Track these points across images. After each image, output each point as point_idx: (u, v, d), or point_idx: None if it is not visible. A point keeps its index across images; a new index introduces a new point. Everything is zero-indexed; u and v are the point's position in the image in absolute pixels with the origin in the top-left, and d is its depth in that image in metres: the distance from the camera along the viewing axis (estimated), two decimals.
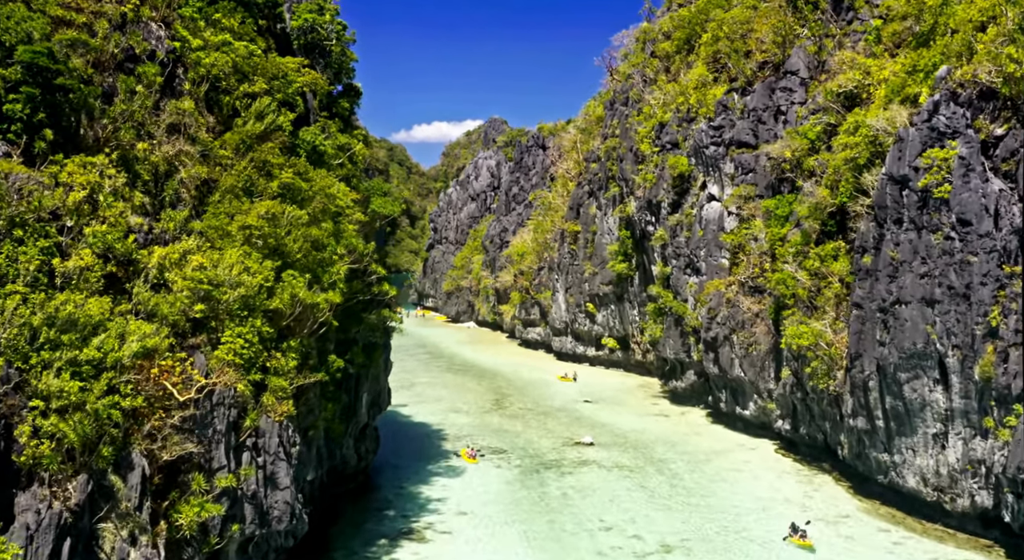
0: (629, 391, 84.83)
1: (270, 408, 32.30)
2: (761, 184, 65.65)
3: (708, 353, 67.93)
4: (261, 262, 33.76)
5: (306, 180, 39.31)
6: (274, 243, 35.01)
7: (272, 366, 32.94)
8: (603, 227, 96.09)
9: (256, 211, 34.51)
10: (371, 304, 46.80)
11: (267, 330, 32.90)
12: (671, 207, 77.17)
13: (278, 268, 34.95)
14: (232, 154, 37.58)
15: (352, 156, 47.14)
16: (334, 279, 37.82)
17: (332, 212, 40.37)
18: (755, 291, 63.63)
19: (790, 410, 59.44)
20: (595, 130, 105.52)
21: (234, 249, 33.39)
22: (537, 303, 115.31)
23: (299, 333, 35.56)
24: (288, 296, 33.88)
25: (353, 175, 46.98)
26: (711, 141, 70.88)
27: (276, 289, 33.90)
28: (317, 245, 37.70)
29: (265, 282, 33.10)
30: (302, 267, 36.19)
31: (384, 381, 54.69)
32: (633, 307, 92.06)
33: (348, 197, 42.46)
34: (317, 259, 37.16)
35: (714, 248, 69.58)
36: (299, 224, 36.50)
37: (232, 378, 30.84)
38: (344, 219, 41.37)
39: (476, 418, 72.12)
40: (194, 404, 29.46)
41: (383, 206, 47.55)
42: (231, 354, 31.22)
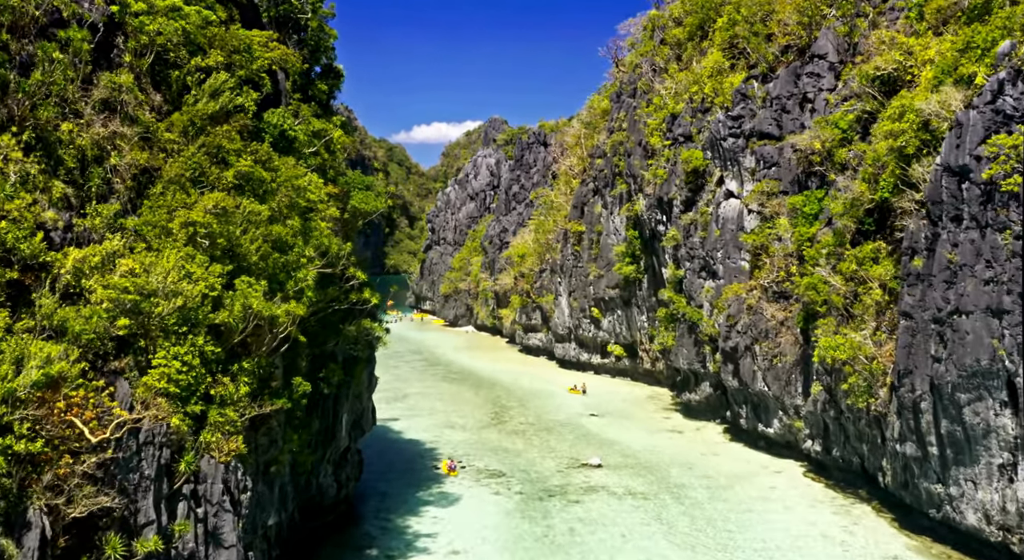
0: (638, 403, 78.84)
1: (214, 446, 26.35)
2: (786, 179, 59.69)
3: (727, 364, 61.97)
4: (208, 266, 27.81)
5: (269, 169, 33.38)
6: (225, 244, 29.08)
7: (218, 394, 27.00)
8: (609, 227, 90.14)
9: (203, 205, 28.54)
10: (351, 314, 40.85)
11: (212, 349, 26.95)
12: (684, 205, 71.21)
13: (230, 273, 29.02)
14: (179, 138, 31.65)
15: (329, 144, 41.21)
16: (301, 286, 31.85)
17: (301, 207, 34.46)
18: (780, 297, 57.64)
19: (821, 429, 53.47)
20: (600, 124, 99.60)
21: (174, 251, 27.44)
22: (539, 307, 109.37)
23: (256, 351, 29.62)
24: (240, 307, 27.92)
25: (330, 166, 41.07)
26: (729, 132, 64.92)
27: (225, 299, 27.94)
28: (280, 246, 31.77)
29: (210, 291, 27.15)
30: (261, 272, 30.25)
31: (368, 400, 48.76)
32: (641, 312, 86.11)
33: (322, 190, 36.52)
34: (280, 263, 31.21)
35: (733, 249, 63.64)
36: (258, 221, 30.56)
37: (165, 411, 24.91)
38: (316, 216, 35.44)
39: (473, 434, 66.15)
40: (114, 445, 23.50)
41: (365, 202, 41.67)
42: (164, 381, 25.29)
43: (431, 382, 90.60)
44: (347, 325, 39.73)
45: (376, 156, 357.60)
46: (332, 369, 38.83)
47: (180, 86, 33.57)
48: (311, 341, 37.99)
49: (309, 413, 40.02)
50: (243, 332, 28.30)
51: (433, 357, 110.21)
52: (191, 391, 25.98)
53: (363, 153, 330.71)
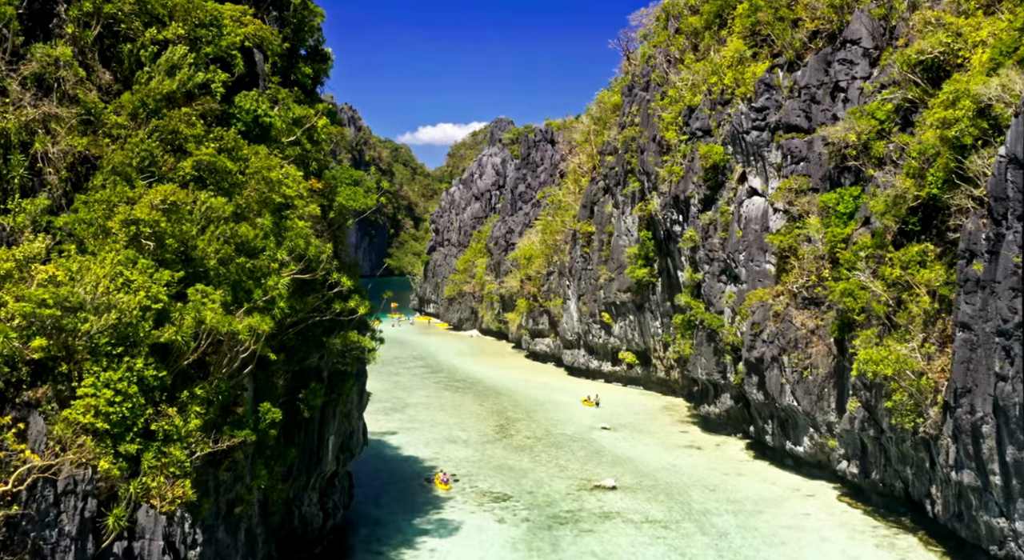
0: (652, 415, 74.02)
1: (155, 493, 21.68)
2: (816, 175, 54.88)
3: (751, 376, 57.13)
4: (153, 273, 23.14)
5: (237, 159, 28.72)
6: (177, 245, 24.43)
7: (160, 429, 22.31)
8: (620, 227, 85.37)
9: (150, 199, 23.87)
10: (336, 325, 36.14)
11: (154, 374, 22.27)
12: (703, 204, 66.43)
13: (183, 281, 24.36)
14: (128, 122, 27.01)
15: (312, 133, 36.54)
16: (271, 295, 27.16)
17: (275, 204, 29.80)
18: (810, 303, 52.80)
19: (857, 449, 48.61)
20: (611, 119, 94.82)
21: (112, 254, 22.77)
22: (546, 311, 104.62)
23: (214, 373, 24.94)
24: (191, 322, 23.23)
25: (313, 158, 36.40)
26: (752, 125, 60.09)
27: (173, 312, 23.26)
28: (247, 248, 27.10)
29: (153, 302, 22.47)
30: (221, 280, 25.59)
31: (358, 419, 44.12)
32: (655, 318, 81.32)
33: (300, 185, 31.86)
34: (245, 268, 26.54)
35: (757, 251, 58.82)
36: (219, 218, 25.88)
37: (90, 452, 20.26)
38: (293, 214, 30.78)
39: (476, 450, 61.40)
40: (25, 497, 18.86)
41: (352, 198, 37.02)
42: (91, 414, 20.65)
43: (433, 391, 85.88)
44: (332, 338, 35.02)
45: (381, 156, 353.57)
46: (314, 389, 34.11)
47: (133, 62, 28.96)
48: (289, 357, 33.40)
49: (288, 438, 35.40)
50: (195, 352, 23.63)
51: (436, 363, 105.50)
52: (126, 426, 21.30)
53: (367, 153, 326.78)
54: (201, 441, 23.28)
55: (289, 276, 28.88)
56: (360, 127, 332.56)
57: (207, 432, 23.92)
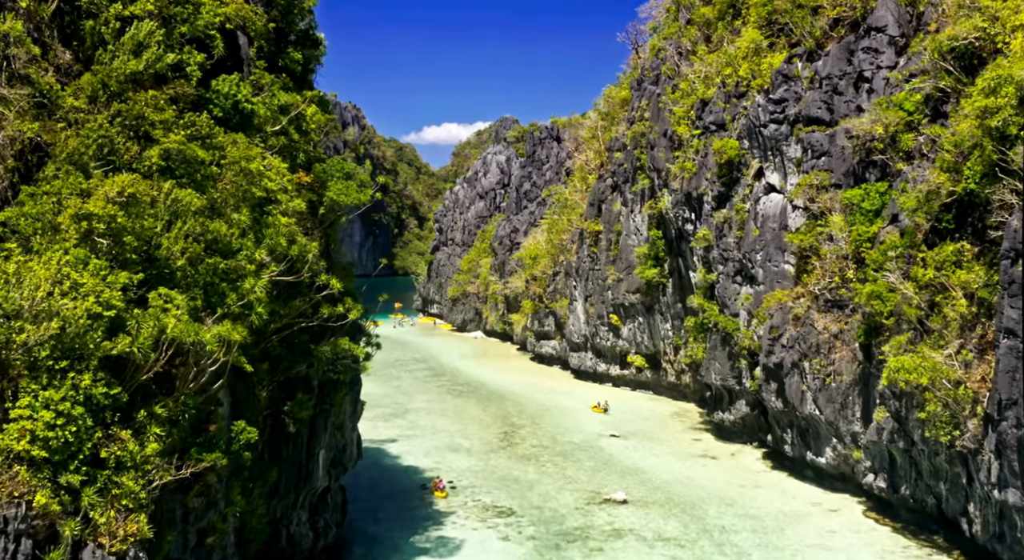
0: (662, 421, 71.03)
1: (103, 531, 18.79)
2: (838, 170, 51.84)
3: (769, 382, 54.13)
4: (106, 275, 20.27)
5: (211, 148, 25.84)
6: (137, 244, 21.55)
7: (112, 455, 19.44)
8: (629, 226, 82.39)
9: (105, 191, 21.00)
10: (327, 331, 33.27)
11: (104, 391, 19.39)
12: (716, 201, 63.43)
13: (144, 284, 21.48)
14: (87, 105, 24.13)
15: (300, 123, 33.65)
16: (248, 299, 24.26)
17: (255, 198, 26.90)
18: (833, 306, 49.79)
19: (885, 462, 45.60)
20: (619, 115, 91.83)
21: (59, 253, 19.90)
22: (552, 313, 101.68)
23: (180, 388, 22.05)
24: (150, 331, 20.35)
25: (300, 149, 33.51)
26: (770, 118, 57.08)
27: (129, 320, 20.39)
28: (221, 247, 24.21)
29: (104, 309, 19.59)
30: (189, 282, 22.70)
31: (352, 430, 41.24)
32: (665, 320, 78.32)
33: (284, 178, 28.97)
34: (218, 269, 23.64)
35: (775, 251, 55.82)
36: (188, 213, 22.99)
37: (24, 485, 17.39)
38: (275, 209, 27.87)
39: (479, 460, 58.48)
40: None
41: (344, 193, 34.16)
42: (26, 440, 17.77)
43: (435, 395, 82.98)
44: (321, 345, 32.12)
45: (385, 156, 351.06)
46: (300, 400, 31.22)
47: (96, 40, 26.07)
48: (273, 366, 30.53)
49: (274, 454, 32.58)
50: (153, 365, 20.73)
51: (438, 366, 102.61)
52: (69, 453, 18.43)
53: (372, 152, 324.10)
54: (161, 467, 20.41)
55: (269, 278, 25.99)
56: (364, 126, 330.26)
57: (170, 456, 21.05)
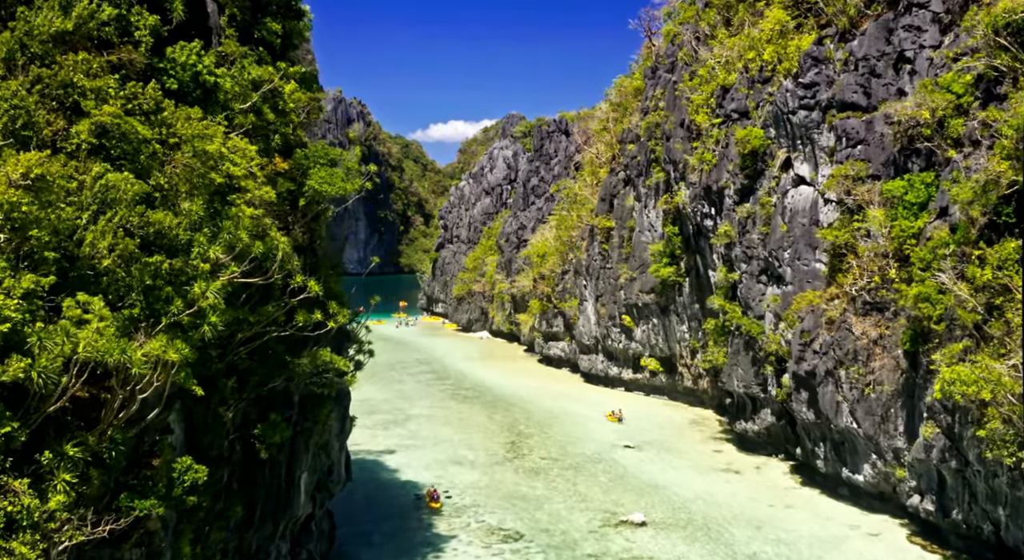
0: (679, 430, 66.57)
1: None
2: (877, 159, 47.34)
3: (799, 391, 49.68)
4: (2, 278, 15.94)
5: (158, 125, 21.50)
6: (49, 238, 17.23)
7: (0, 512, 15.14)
8: (643, 222, 77.93)
9: (6, 172, 16.70)
10: (309, 340, 28.94)
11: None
12: (739, 194, 58.92)
13: (58, 289, 17.17)
14: (2, 71, 19.82)
15: (278, 102, 29.30)
16: (199, 306, 19.92)
17: (213, 185, 22.55)
18: (873, 309, 45.30)
19: (934, 483, 41.13)
20: (632, 105, 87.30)
21: None
22: (561, 313, 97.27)
23: (106, 420, 17.73)
24: (59, 350, 16.03)
25: (276, 130, 29.16)
26: (800, 104, 52.56)
27: (31, 336, 16.08)
28: (166, 243, 19.91)
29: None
30: (119, 287, 18.37)
31: (339, 450, 36.89)
32: (682, 321, 73.86)
33: (253, 161, 24.64)
34: (161, 270, 19.32)
35: (805, 248, 51.38)
36: (122, 202, 18.67)
37: None
38: (239, 198, 23.52)
39: (484, 474, 54.13)
40: None
41: (327, 182, 29.80)
42: None
43: (438, 400, 78.65)
44: (299, 357, 27.79)
45: (391, 152, 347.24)
46: (274, 423, 26.91)
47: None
48: (242, 382, 26.22)
49: (245, 483, 28.24)
50: (64, 394, 16.41)
51: (442, 368, 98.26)
52: None
53: (377, 149, 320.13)
54: (74, 523, 16.14)
55: (229, 279, 21.66)
56: (369, 122, 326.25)
57: (89, 506, 16.77)
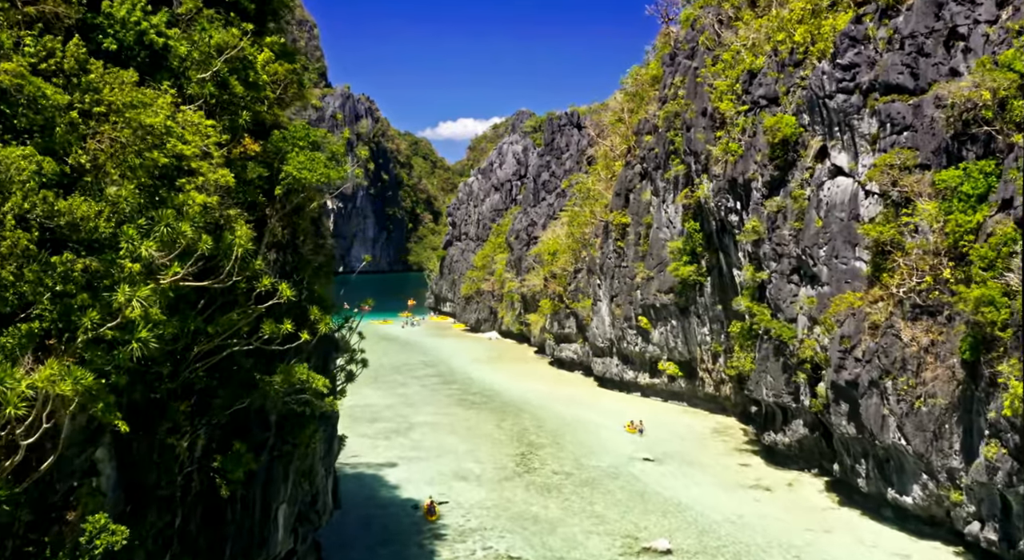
0: (702, 441, 62.08)
1: None
2: (926, 147, 42.76)
3: (838, 403, 45.16)
4: None
5: (81, 90, 17.19)
6: None
7: None
8: (661, 218, 73.44)
9: None
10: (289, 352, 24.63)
11: None
12: (768, 187, 54.36)
13: None
14: None
15: (249, 74, 24.95)
16: (128, 317, 15.60)
17: (156, 166, 18.23)
18: (924, 313, 40.75)
19: (996, 508, 36.56)
20: (649, 94, 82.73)
21: None
22: (573, 314, 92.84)
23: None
24: None
25: (246, 106, 24.81)
26: (838, 87, 47.97)
27: None
28: (82, 238, 15.61)
29: None
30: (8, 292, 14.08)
31: (325, 477, 32.58)
32: (703, 324, 69.34)
33: (209, 139, 20.33)
34: (72, 272, 15.02)
35: (843, 245, 46.86)
36: (19, 185, 14.36)
37: None
38: (189, 184, 19.19)
39: (492, 490, 49.79)
40: None
41: (308, 168, 25.46)
42: None
43: (444, 407, 74.33)
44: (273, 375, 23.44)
45: (399, 149, 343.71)
46: (237, 454, 22.61)
47: None
48: (201, 405, 21.90)
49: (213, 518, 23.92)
50: None
51: (449, 371, 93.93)
52: None
53: (385, 145, 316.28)
54: None
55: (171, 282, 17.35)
56: (378, 118, 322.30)
57: None
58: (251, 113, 25.09)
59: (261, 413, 26.26)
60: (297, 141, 26.41)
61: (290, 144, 26.45)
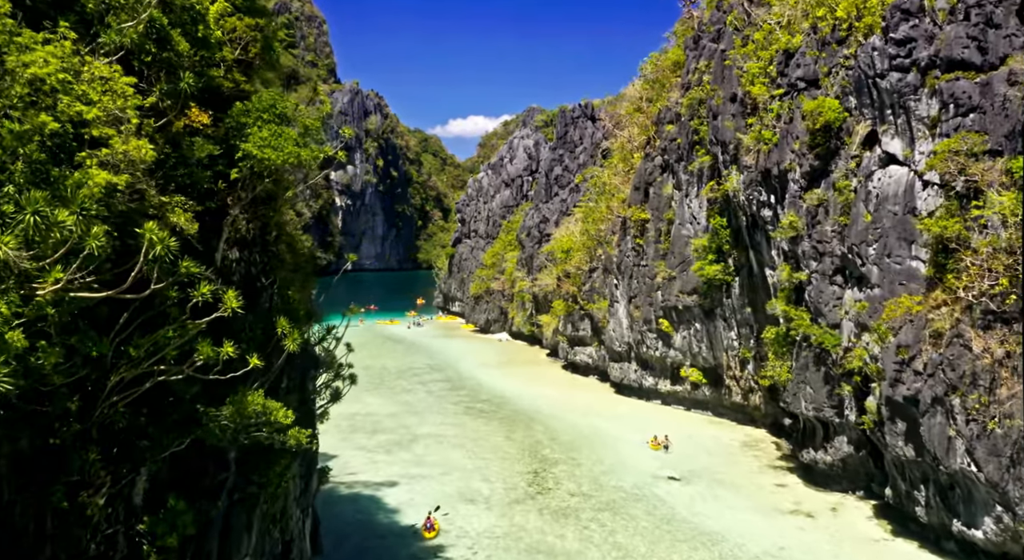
0: (731, 456, 56.83)
1: None
2: (998, 130, 37.48)
3: (894, 421, 39.89)
4: None
5: None
6: None
7: None
8: (684, 213, 68.21)
9: None
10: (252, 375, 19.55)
11: None
12: (807, 178, 49.10)
13: None
14: None
15: (198, 27, 19.92)
16: None
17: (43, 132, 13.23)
18: (998, 321, 35.48)
19: None
20: (670, 81, 77.36)
21: None
22: (588, 315, 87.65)
23: None
24: None
25: (190, 66, 19.76)
26: (891, 65, 42.62)
27: None
28: None
29: None
30: None
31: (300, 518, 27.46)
32: (729, 327, 64.09)
33: (126, 101, 15.32)
34: None
35: (897, 243, 41.60)
36: None
37: None
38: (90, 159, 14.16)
39: (502, 516, 44.74)
40: None
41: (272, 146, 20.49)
42: None
43: (450, 416, 69.29)
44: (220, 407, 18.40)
45: (409, 145, 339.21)
46: (172, 513, 17.52)
47: None
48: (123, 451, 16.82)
49: None
50: None
51: (456, 376, 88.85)
52: None
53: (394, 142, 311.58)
54: None
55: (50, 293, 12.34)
56: (387, 114, 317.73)
57: None
58: (202, 78, 20.01)
59: (217, 449, 21.23)
60: (261, 113, 21.33)
61: (253, 117, 21.37)
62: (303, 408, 24.91)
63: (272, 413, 18.55)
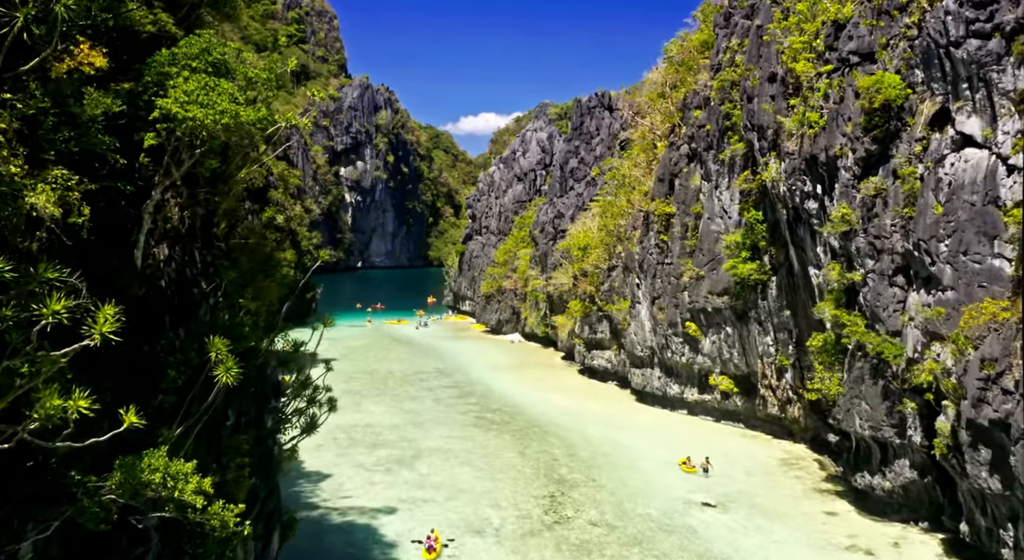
0: (771, 476, 50.90)
1: None
2: None
3: (976, 448, 33.90)
4: None
5: None
6: None
7: None
8: (714, 206, 62.26)
9: None
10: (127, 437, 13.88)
11: None
12: (862, 165, 43.15)
13: None
14: None
15: None
16: None
17: None
18: None
19: None
20: (697, 62, 71.30)
21: None
22: (607, 317, 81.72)
23: None
24: None
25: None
26: (968, 30, 36.56)
27: None
28: None
29: None
30: None
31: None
32: (765, 332, 58.11)
33: None
34: None
35: (976, 238, 35.59)
36: None
37: None
38: None
39: (514, 551, 38.99)
40: None
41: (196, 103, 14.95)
42: None
43: (458, 428, 63.55)
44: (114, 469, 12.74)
45: (420, 141, 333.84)
46: None
47: None
48: None
49: None
50: None
51: (466, 381, 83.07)
52: None
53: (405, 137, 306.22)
54: None
55: None
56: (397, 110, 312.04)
57: None
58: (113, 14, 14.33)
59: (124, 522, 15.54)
60: (189, 61, 15.62)
61: (180, 65, 15.66)
62: (259, 450, 19.29)
63: (177, 484, 12.81)
